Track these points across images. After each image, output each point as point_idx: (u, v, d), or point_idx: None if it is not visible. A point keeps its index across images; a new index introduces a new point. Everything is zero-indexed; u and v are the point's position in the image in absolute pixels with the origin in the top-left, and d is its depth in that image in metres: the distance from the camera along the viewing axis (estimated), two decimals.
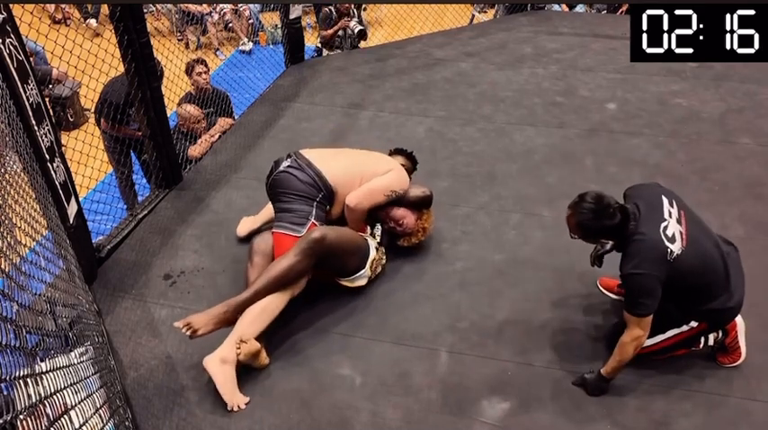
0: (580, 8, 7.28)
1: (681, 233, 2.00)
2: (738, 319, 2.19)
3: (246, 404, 2.15)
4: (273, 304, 2.27)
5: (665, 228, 1.98)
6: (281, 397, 2.18)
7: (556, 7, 6.76)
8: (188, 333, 2.14)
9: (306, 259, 2.29)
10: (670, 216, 2.02)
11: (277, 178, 2.55)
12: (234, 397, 2.14)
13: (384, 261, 2.65)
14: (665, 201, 2.07)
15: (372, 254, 2.55)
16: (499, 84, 4.38)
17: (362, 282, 2.55)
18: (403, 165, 2.76)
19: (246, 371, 2.24)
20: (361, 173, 2.60)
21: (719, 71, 4.47)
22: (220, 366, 2.14)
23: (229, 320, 2.22)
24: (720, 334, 2.20)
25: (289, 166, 2.55)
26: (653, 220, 2.00)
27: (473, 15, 7.51)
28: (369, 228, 2.70)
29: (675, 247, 1.97)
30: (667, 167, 3.42)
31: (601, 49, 4.85)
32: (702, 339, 2.20)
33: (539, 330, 2.43)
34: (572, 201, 2.11)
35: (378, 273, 2.63)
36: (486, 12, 7.58)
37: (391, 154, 2.87)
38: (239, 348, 2.14)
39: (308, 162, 2.54)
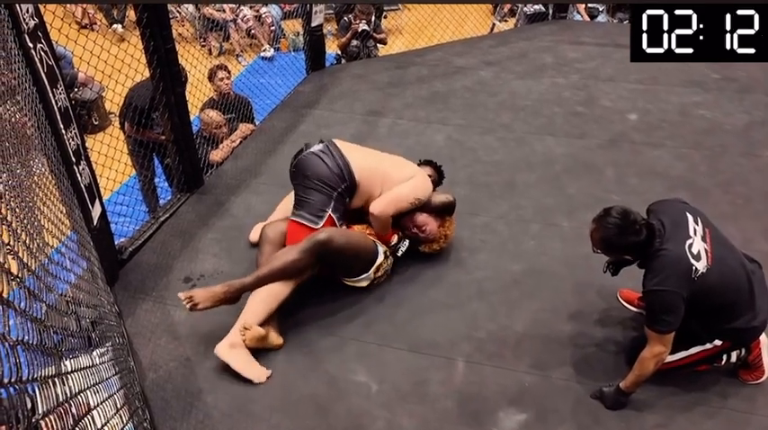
0: (602, 18, 7.27)
1: (706, 251, 1.97)
2: (762, 337, 2.16)
3: (269, 377, 2.25)
4: (276, 291, 2.36)
5: (691, 245, 1.95)
6: (298, 402, 2.18)
7: (577, 17, 6.74)
8: (188, 305, 2.26)
9: (308, 258, 2.36)
10: (695, 233, 1.99)
11: (304, 159, 2.56)
12: (255, 372, 2.24)
13: (390, 267, 2.65)
14: (690, 218, 2.04)
15: (380, 259, 2.56)
16: (519, 93, 4.38)
17: (364, 283, 2.57)
18: (429, 176, 2.77)
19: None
20: (384, 173, 2.60)
21: (743, 83, 4.42)
22: (231, 351, 2.26)
23: (229, 300, 2.34)
24: (743, 351, 2.17)
25: (320, 150, 2.57)
26: (678, 237, 1.97)
27: (493, 24, 7.51)
28: (395, 237, 2.68)
29: (701, 265, 1.94)
30: (689, 179, 3.38)
31: (622, 58, 4.80)
32: (725, 356, 2.17)
33: (557, 342, 2.42)
34: (597, 214, 2.08)
35: (382, 279, 2.63)
36: (506, 21, 7.58)
37: (420, 165, 2.86)
38: (244, 334, 2.26)
39: (338, 150, 2.57)
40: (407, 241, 2.71)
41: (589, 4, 7.22)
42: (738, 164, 3.52)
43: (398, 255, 2.69)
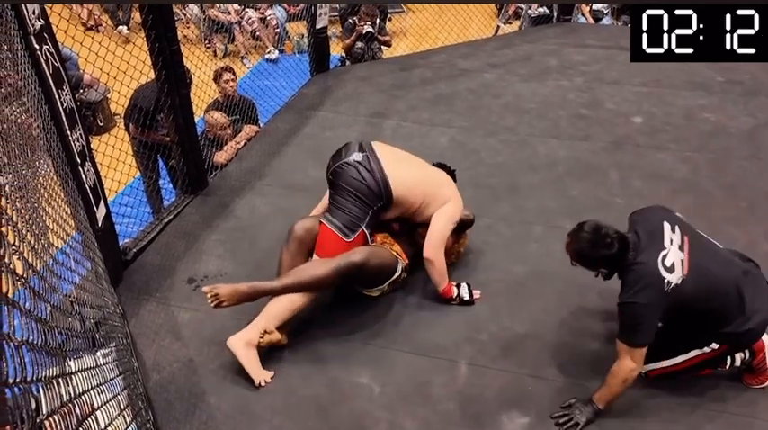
0: (606, 21, 7.26)
1: (682, 261, 1.97)
2: (766, 340, 2.15)
3: (272, 378, 2.26)
4: (300, 301, 2.35)
5: (665, 257, 1.95)
6: (300, 403, 2.19)
7: (581, 20, 6.73)
8: (213, 302, 2.24)
9: (339, 277, 2.35)
10: (671, 243, 1.99)
11: (342, 170, 2.46)
12: (260, 374, 2.26)
13: (405, 278, 2.63)
14: (667, 228, 2.03)
15: (397, 274, 2.54)
16: (523, 95, 4.37)
17: (375, 294, 2.57)
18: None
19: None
20: (425, 193, 2.53)
21: (748, 86, 4.41)
22: (245, 348, 2.26)
23: (251, 299, 2.34)
24: (747, 354, 2.16)
25: (358, 163, 2.45)
26: (652, 250, 1.97)
27: (498, 27, 7.51)
28: (455, 289, 2.60)
29: (674, 277, 1.94)
30: (694, 182, 3.38)
31: (627, 61, 4.75)
32: (729, 359, 2.16)
33: (560, 345, 2.41)
34: (571, 229, 2.10)
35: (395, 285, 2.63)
36: (511, 23, 7.57)
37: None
38: (263, 337, 2.25)
39: (378, 164, 2.45)
40: (466, 285, 2.62)
41: (594, 7, 7.21)
42: (743, 167, 3.51)
43: (465, 299, 2.60)
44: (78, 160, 2.29)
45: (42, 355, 0.98)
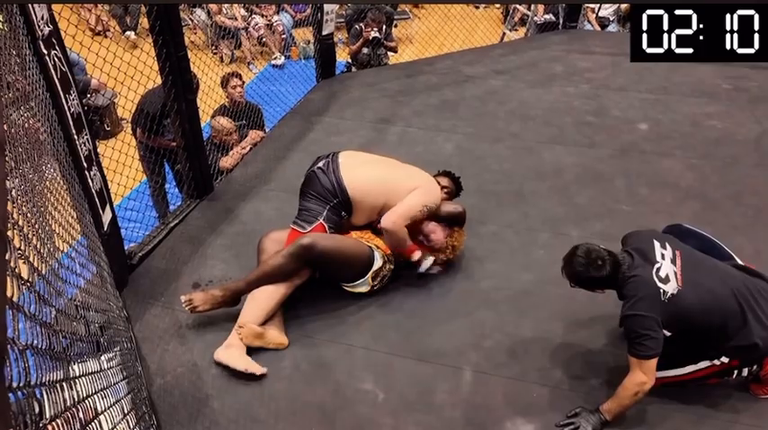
0: (612, 27, 7.26)
1: (675, 273, 2.00)
2: None
3: (263, 374, 2.27)
4: (270, 292, 2.43)
5: (658, 269, 2.00)
6: (304, 409, 2.18)
7: (588, 26, 6.74)
8: (188, 308, 2.41)
9: (293, 262, 2.43)
10: (663, 258, 2.03)
11: (307, 175, 2.70)
12: (248, 365, 2.28)
13: (390, 273, 2.63)
14: (657, 244, 2.08)
15: (377, 264, 2.56)
16: (529, 102, 4.37)
17: (363, 289, 2.58)
18: (446, 187, 2.80)
19: (271, 382, 2.26)
20: (387, 186, 2.63)
21: (755, 93, 4.40)
22: (227, 350, 2.33)
23: (227, 302, 2.46)
24: (756, 366, 2.14)
25: (319, 167, 2.67)
26: (645, 263, 2.02)
27: (504, 33, 7.52)
28: (418, 253, 2.65)
29: (669, 287, 1.97)
30: (700, 190, 3.36)
31: (633, 68, 4.80)
32: (736, 371, 2.13)
33: (565, 352, 2.40)
34: (566, 253, 2.15)
35: (384, 283, 2.63)
36: (516, 30, 7.58)
37: (437, 175, 2.88)
38: (240, 333, 2.35)
39: (336, 166, 2.64)
40: (431, 258, 2.68)
41: (600, 14, 7.21)
42: (750, 175, 3.49)
43: (421, 271, 2.67)
44: (85, 164, 2.30)
45: (46, 359, 0.98)
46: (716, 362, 2.08)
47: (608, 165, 3.62)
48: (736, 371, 2.13)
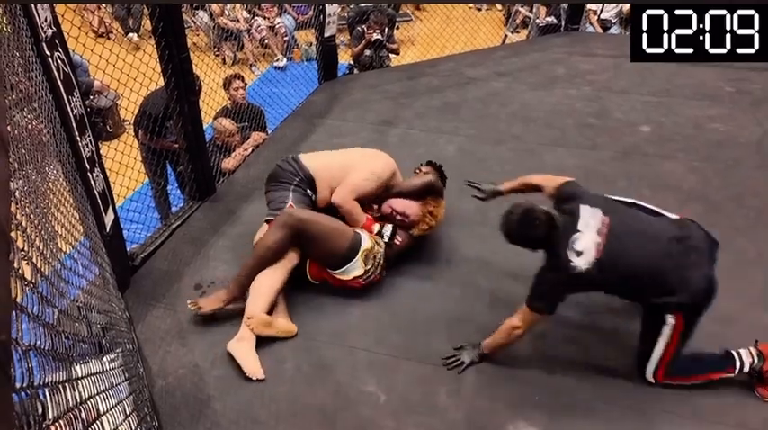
0: (614, 30, 7.25)
1: (597, 244, 2.03)
2: None
3: (260, 379, 2.28)
4: (269, 280, 2.48)
5: (575, 241, 2.04)
6: (305, 411, 2.18)
7: (590, 29, 6.74)
8: (193, 308, 2.47)
9: (283, 234, 2.48)
10: (587, 227, 2.06)
11: (268, 175, 2.83)
12: (252, 367, 2.30)
13: (382, 256, 2.63)
14: (587, 211, 2.09)
15: (365, 245, 2.57)
16: (531, 104, 4.37)
17: (357, 272, 2.56)
18: (432, 180, 2.82)
19: (272, 384, 2.26)
20: (342, 162, 2.78)
21: (758, 96, 4.39)
22: (239, 343, 2.36)
23: (233, 297, 2.50)
24: (756, 358, 2.16)
25: (277, 164, 2.82)
26: (567, 233, 2.06)
27: (506, 36, 7.53)
28: (377, 225, 2.72)
29: (581, 262, 2.02)
30: (702, 192, 3.36)
31: (635, 70, 4.80)
32: (738, 363, 2.15)
33: (568, 355, 2.40)
34: (505, 211, 2.21)
35: (378, 270, 2.62)
36: (518, 32, 7.59)
37: (422, 165, 2.96)
38: (249, 324, 2.38)
39: (294, 157, 2.82)
40: (390, 226, 2.73)
41: (602, 16, 7.21)
42: (752, 177, 3.49)
43: (386, 241, 2.70)
44: (87, 166, 2.31)
45: (49, 360, 0.98)
46: (668, 325, 2.09)
47: (610, 167, 3.62)
48: (738, 364, 2.15)
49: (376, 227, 2.71)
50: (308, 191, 2.71)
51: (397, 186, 2.82)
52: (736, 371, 2.17)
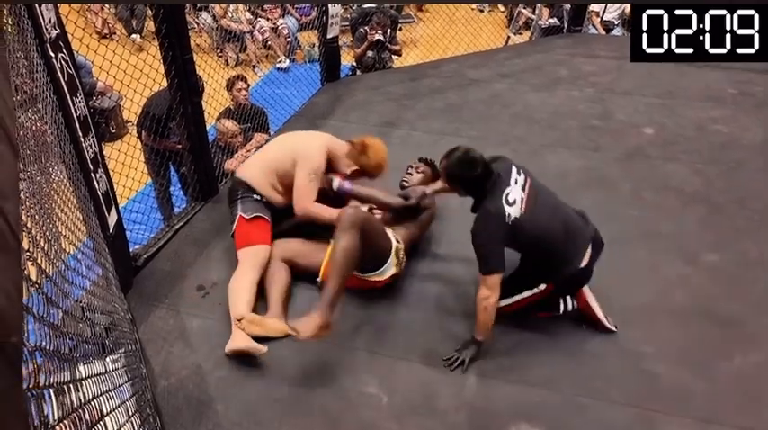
0: (617, 31, 7.25)
1: (522, 199, 2.22)
2: (587, 293, 2.43)
3: (252, 351, 2.32)
4: (240, 284, 2.53)
5: (508, 193, 2.21)
6: (308, 412, 2.18)
7: (592, 30, 6.73)
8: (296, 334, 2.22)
9: (355, 232, 2.32)
10: (516, 183, 2.25)
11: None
12: (248, 344, 2.33)
13: (403, 247, 2.65)
14: (514, 169, 2.30)
15: (394, 244, 2.59)
16: (534, 105, 4.37)
17: (393, 270, 2.58)
18: (424, 172, 2.92)
19: (275, 385, 2.26)
20: (275, 162, 2.78)
21: (761, 98, 4.39)
22: (232, 340, 2.38)
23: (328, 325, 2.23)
24: (571, 303, 2.43)
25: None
26: (501, 185, 2.23)
27: (508, 37, 7.53)
28: (336, 211, 2.71)
29: (514, 211, 2.19)
30: (705, 194, 3.35)
31: (638, 72, 4.80)
32: (562, 305, 2.42)
33: (569, 356, 2.39)
34: (447, 150, 2.34)
35: (404, 262, 2.65)
36: (521, 34, 7.59)
37: (415, 163, 3.02)
38: (240, 325, 2.39)
39: (231, 175, 2.92)
40: (338, 180, 2.77)
41: (605, 17, 7.21)
42: (755, 179, 3.48)
43: (336, 189, 2.77)
44: (91, 167, 2.31)
45: (54, 361, 0.98)
46: (535, 290, 2.36)
47: (613, 169, 3.61)
48: (561, 305, 2.43)
49: (339, 210, 2.70)
50: (255, 196, 2.77)
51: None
52: (561, 311, 2.44)
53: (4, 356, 0.56)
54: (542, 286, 2.36)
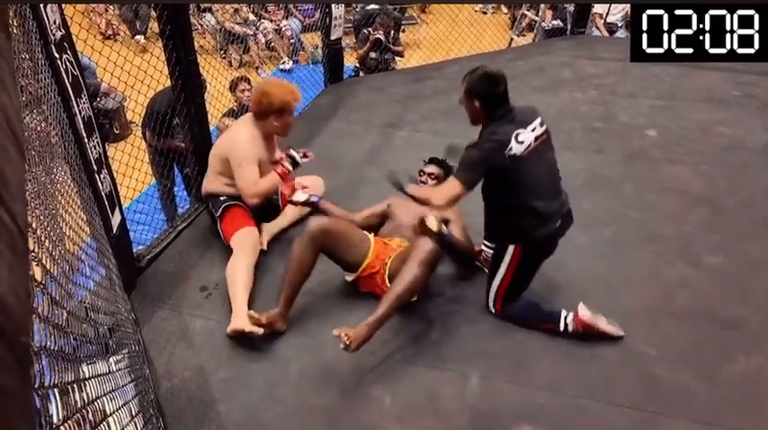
0: (620, 33, 7.24)
1: (530, 145, 2.26)
2: (585, 314, 2.41)
3: (254, 331, 2.36)
4: (234, 267, 2.62)
5: (519, 133, 2.24)
6: (310, 414, 2.18)
7: (596, 32, 6.73)
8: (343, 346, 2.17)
9: (431, 268, 2.42)
10: (532, 131, 2.28)
11: None
12: (246, 325, 2.37)
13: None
14: (539, 120, 2.32)
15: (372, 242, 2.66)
16: (537, 107, 4.36)
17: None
18: (433, 173, 2.93)
19: (278, 387, 2.26)
20: (215, 168, 2.88)
21: (765, 100, 4.38)
22: (234, 319, 2.44)
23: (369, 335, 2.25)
24: (571, 327, 2.41)
25: None
26: (516, 123, 2.26)
27: (512, 39, 7.53)
28: (287, 162, 2.81)
29: (517, 148, 2.22)
30: (709, 197, 3.35)
31: (642, 74, 4.80)
32: (563, 324, 2.42)
33: (572, 359, 2.39)
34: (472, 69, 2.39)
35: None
36: (524, 35, 7.59)
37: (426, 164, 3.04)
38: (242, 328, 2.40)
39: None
40: (294, 154, 2.83)
41: (608, 19, 7.20)
42: (759, 181, 3.48)
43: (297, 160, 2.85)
44: (95, 167, 2.32)
45: (58, 361, 0.98)
46: (508, 255, 2.38)
47: (616, 170, 3.61)
48: (563, 325, 2.42)
49: (297, 193, 2.80)
50: (221, 198, 2.90)
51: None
52: (561, 328, 2.43)
53: (13, 355, 0.56)
54: (511, 249, 2.38)
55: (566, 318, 2.43)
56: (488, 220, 2.47)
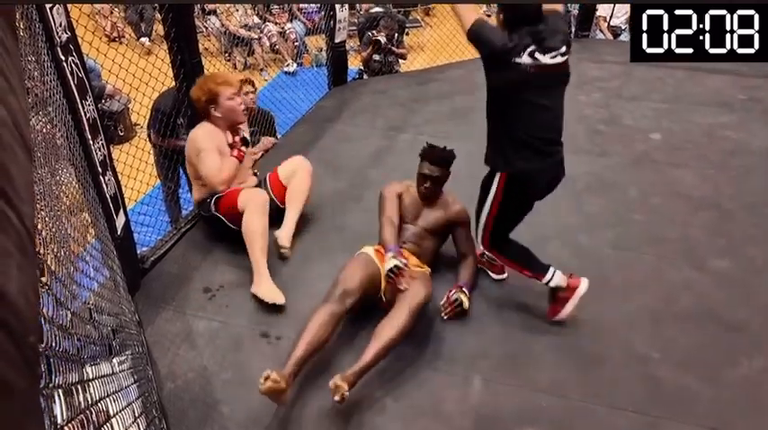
0: (624, 36, 7.24)
1: (538, 66, 2.18)
2: (584, 283, 2.43)
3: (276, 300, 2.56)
4: (250, 226, 2.74)
5: (535, 51, 2.17)
6: (312, 415, 2.18)
7: (599, 35, 6.73)
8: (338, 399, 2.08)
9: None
10: (552, 58, 2.21)
11: None
12: (273, 295, 2.60)
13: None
14: (563, 51, 2.25)
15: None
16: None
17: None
18: (438, 177, 2.91)
19: None
20: (192, 175, 3.01)
21: None
22: (258, 287, 2.64)
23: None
24: (562, 284, 2.43)
25: None
26: (539, 40, 2.17)
27: None
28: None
29: (525, 59, 2.15)
30: (714, 200, 3.34)
31: (646, 77, 4.80)
32: (549, 276, 2.44)
33: (575, 362, 2.39)
34: None
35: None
36: None
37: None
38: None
39: None
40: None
41: (612, 22, 7.20)
42: (764, 185, 3.47)
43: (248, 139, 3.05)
44: (100, 169, 2.33)
45: (62, 362, 0.99)
46: (494, 186, 2.39)
47: (620, 174, 3.61)
48: (549, 276, 2.45)
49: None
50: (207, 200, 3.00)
51: None
52: (544, 280, 2.46)
53: (22, 355, 0.57)
54: (497, 177, 2.39)
55: (555, 272, 2.47)
56: (487, 144, 2.49)
